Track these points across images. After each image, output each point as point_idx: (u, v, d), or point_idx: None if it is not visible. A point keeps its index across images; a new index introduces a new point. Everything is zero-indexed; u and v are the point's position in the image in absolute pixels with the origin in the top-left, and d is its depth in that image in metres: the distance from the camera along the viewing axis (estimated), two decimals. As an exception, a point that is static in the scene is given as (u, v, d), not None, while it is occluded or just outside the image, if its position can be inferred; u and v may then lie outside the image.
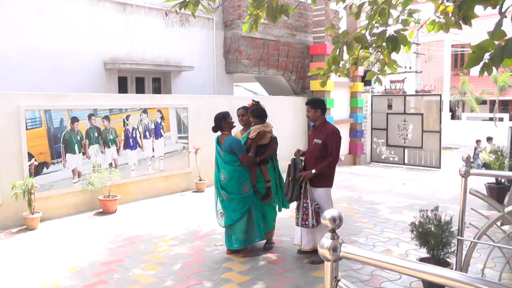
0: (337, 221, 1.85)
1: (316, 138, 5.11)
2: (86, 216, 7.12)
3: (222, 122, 5.15)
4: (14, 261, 5.20)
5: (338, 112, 12.35)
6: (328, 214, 1.88)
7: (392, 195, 8.70)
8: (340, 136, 5.15)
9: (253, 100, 5.50)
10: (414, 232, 4.59)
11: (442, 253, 4.39)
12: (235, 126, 5.35)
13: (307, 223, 4.98)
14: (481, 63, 3.00)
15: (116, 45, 8.84)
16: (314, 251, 5.16)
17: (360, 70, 12.55)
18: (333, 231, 1.85)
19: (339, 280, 1.88)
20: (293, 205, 5.41)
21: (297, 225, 5.14)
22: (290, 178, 5.11)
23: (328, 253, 1.82)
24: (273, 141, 5.45)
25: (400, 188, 9.47)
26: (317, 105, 5.16)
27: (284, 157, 6.33)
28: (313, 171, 4.99)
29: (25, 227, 6.45)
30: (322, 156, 5.05)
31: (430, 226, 4.51)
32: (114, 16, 8.81)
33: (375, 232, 6.26)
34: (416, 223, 4.61)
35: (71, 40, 8.26)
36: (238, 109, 5.46)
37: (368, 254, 1.87)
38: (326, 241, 1.83)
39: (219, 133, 5.29)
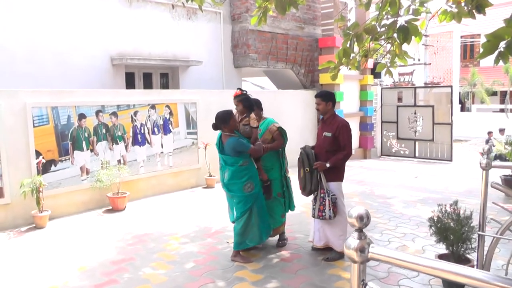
0: (364, 219, 1.73)
1: (326, 131, 4.99)
2: (95, 214, 7.04)
3: (221, 125, 4.84)
4: (23, 260, 5.13)
5: (347, 105, 12.18)
6: (354, 212, 1.75)
7: (405, 189, 8.54)
8: (350, 128, 5.04)
9: (240, 89, 5.26)
10: (433, 228, 4.46)
11: (462, 249, 4.25)
12: (238, 128, 5.04)
13: (323, 214, 4.82)
14: (496, 52, 2.89)
15: (123, 40, 8.72)
16: (328, 248, 5.06)
17: (370, 63, 12.36)
18: (360, 230, 1.73)
19: (366, 284, 1.75)
20: (307, 199, 5.28)
21: (313, 217, 4.97)
22: (307, 169, 4.93)
23: (355, 254, 1.70)
24: (281, 135, 5.25)
25: (413, 182, 9.31)
26: (328, 98, 5.04)
27: (293, 151, 6.20)
28: (328, 164, 4.86)
29: (34, 225, 6.39)
30: (333, 150, 4.92)
31: (449, 221, 4.38)
32: (121, 11, 8.69)
33: (390, 227, 6.12)
34: (435, 218, 4.48)
35: (77, 36, 8.16)
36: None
37: (397, 255, 1.74)
38: (352, 241, 1.71)
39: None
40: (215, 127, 4.88)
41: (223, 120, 4.81)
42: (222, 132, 4.91)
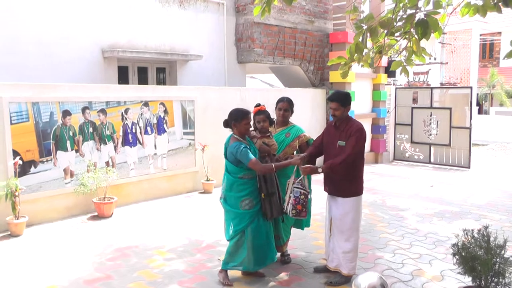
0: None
1: (340, 139, 4.32)
2: (79, 221, 6.44)
3: (231, 123, 4.26)
4: (-14, 276, 4.57)
5: (359, 105, 11.43)
6: (364, 281, 1.12)
7: (419, 200, 7.83)
8: (365, 135, 4.36)
9: (260, 104, 4.67)
10: (457, 256, 3.77)
11: (493, 283, 3.56)
12: (251, 134, 4.46)
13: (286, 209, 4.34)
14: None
15: (115, 31, 8.05)
16: (336, 271, 4.47)
17: (384, 60, 11.61)
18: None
19: None
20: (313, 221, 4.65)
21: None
22: (263, 194, 4.28)
23: None
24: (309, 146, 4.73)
25: (428, 191, 8.57)
26: (347, 102, 4.37)
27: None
28: (320, 169, 4.22)
29: (9, 233, 5.82)
30: (352, 160, 4.29)
31: (476, 248, 3.69)
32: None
33: (403, 246, 5.46)
34: (459, 244, 3.79)
35: (64, 25, 7.50)
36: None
37: None
38: None
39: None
40: (225, 124, 4.32)
41: (234, 118, 4.22)
42: (232, 133, 4.32)
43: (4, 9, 6.93)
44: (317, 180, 5.10)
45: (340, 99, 4.33)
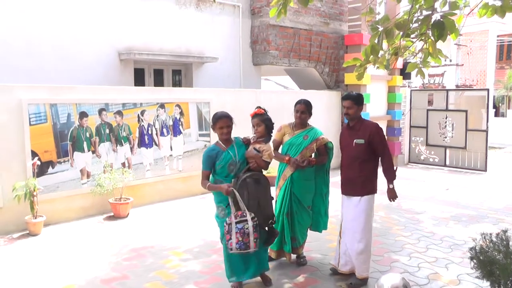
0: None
1: (357, 138, 4.38)
2: (95, 221, 6.52)
3: (210, 126, 4.22)
4: (7, 272, 4.66)
5: (374, 108, 11.38)
6: (387, 281, 1.13)
7: (435, 203, 7.75)
8: (383, 132, 4.53)
9: (260, 107, 4.50)
10: (474, 260, 3.73)
11: (513, 289, 3.51)
12: (227, 137, 4.16)
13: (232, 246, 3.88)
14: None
15: (131, 33, 8.14)
16: (352, 273, 4.46)
17: (399, 62, 11.53)
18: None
19: None
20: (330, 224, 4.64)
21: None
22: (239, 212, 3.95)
23: None
24: (326, 150, 4.80)
25: (444, 195, 8.49)
26: (361, 101, 4.49)
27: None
28: (391, 186, 4.42)
29: (28, 232, 5.91)
30: (368, 159, 4.38)
31: (495, 253, 3.64)
32: (130, 2, 8.13)
33: (419, 249, 5.41)
34: (477, 248, 3.75)
35: (81, 28, 7.61)
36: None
37: None
38: None
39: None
40: None
41: (212, 120, 4.16)
42: None
43: (21, 12, 7.05)
44: (334, 182, 5.11)
45: (353, 98, 4.44)
